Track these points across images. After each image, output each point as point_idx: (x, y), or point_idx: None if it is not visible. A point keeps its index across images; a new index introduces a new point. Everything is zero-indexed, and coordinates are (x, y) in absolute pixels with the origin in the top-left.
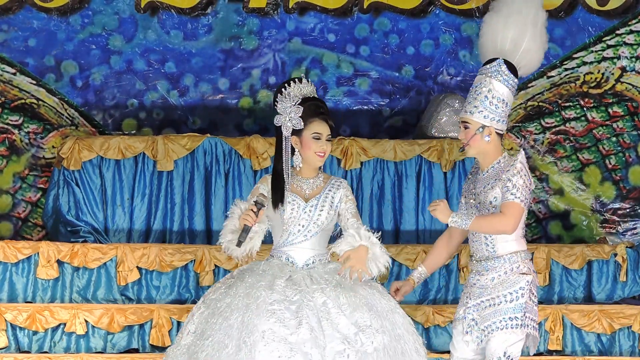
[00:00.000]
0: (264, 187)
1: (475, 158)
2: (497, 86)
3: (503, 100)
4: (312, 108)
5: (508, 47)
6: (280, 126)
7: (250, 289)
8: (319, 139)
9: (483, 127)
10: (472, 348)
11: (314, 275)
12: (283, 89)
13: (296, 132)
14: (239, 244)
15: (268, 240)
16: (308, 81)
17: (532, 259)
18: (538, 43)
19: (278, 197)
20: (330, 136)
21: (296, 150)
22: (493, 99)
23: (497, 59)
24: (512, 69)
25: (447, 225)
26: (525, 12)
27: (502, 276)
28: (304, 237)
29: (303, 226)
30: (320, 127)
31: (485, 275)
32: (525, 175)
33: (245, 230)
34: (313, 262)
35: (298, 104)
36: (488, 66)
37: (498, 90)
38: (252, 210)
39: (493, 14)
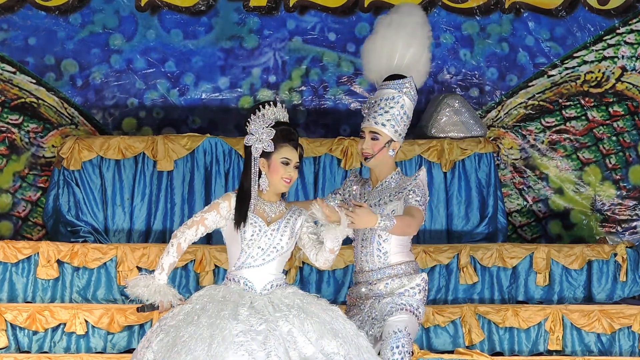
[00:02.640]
0: (225, 204)
1: (361, 167)
2: (407, 103)
3: (409, 117)
4: (285, 133)
5: (406, 63)
6: (250, 146)
7: (214, 319)
8: (287, 164)
9: (391, 141)
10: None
11: (274, 301)
12: (257, 110)
13: (265, 155)
14: (140, 307)
15: (220, 241)
16: (282, 106)
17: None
18: (428, 66)
19: (242, 216)
20: (298, 163)
21: (263, 172)
22: (404, 116)
23: (406, 76)
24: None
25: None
26: (421, 34)
27: (395, 280)
28: (263, 260)
29: (262, 249)
30: (290, 153)
31: (377, 284)
32: (425, 191)
33: (150, 308)
34: (271, 287)
35: (271, 127)
36: (399, 82)
37: (409, 108)
38: (167, 308)
39: (394, 30)
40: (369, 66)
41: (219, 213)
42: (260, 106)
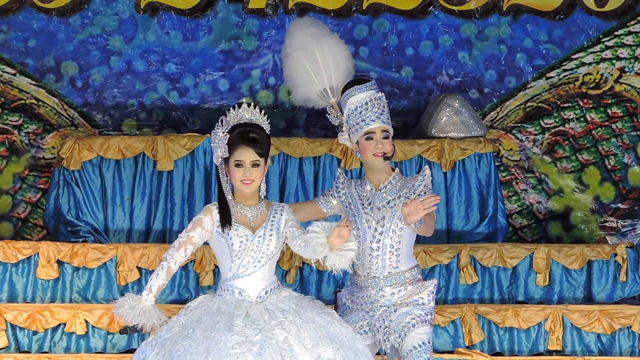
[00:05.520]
0: (208, 218)
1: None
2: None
3: None
4: (239, 135)
5: (327, 68)
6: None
7: (209, 332)
8: (241, 166)
9: (392, 138)
10: (390, 354)
11: (270, 307)
12: (223, 117)
13: (225, 161)
14: (123, 329)
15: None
16: (250, 105)
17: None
18: (348, 53)
19: (227, 221)
20: (257, 162)
21: (227, 178)
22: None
23: (370, 79)
24: None
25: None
26: (316, 36)
27: (408, 287)
28: (254, 267)
29: (253, 257)
30: (243, 154)
31: (389, 289)
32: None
33: (132, 330)
34: (266, 292)
35: (227, 132)
36: (372, 83)
37: None
38: (150, 330)
39: (296, 56)
40: (301, 90)
41: (203, 229)
42: (227, 112)
